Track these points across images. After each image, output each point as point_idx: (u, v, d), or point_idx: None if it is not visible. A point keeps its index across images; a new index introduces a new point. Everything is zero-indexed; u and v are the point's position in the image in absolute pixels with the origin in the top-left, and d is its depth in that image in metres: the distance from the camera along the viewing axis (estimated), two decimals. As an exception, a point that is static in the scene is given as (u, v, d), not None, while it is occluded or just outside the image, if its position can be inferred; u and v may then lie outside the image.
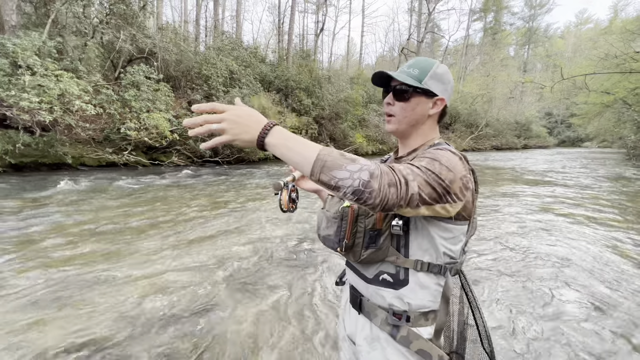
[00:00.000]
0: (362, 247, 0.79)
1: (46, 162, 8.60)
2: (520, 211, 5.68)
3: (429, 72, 0.82)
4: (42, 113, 7.10)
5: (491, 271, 3.18)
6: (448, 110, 0.90)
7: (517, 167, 14.26)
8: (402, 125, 0.86)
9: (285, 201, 0.89)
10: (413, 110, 0.84)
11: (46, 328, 2.10)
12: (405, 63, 0.88)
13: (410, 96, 0.83)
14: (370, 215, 0.78)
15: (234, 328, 2.18)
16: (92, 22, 10.40)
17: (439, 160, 0.70)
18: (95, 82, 9.19)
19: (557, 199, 6.88)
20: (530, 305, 2.56)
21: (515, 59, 49.24)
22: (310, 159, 0.63)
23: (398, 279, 0.80)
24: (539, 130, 42.02)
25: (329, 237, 0.83)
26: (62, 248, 3.46)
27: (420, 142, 0.89)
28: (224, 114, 0.65)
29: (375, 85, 0.89)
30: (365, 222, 0.78)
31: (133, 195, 6.28)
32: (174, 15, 27.17)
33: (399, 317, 0.81)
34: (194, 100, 12.41)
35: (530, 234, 4.38)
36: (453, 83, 0.88)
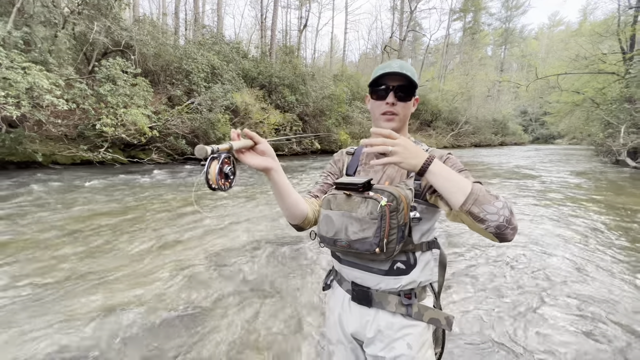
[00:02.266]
0: (397, 243, 0.80)
1: (14, 160, 8.10)
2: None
3: (416, 75, 0.93)
4: (8, 108, 6.66)
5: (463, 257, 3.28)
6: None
7: (500, 165, 14.78)
8: (400, 123, 0.95)
9: (213, 175, 0.64)
10: (409, 110, 0.95)
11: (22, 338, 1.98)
12: (393, 62, 0.93)
13: (412, 96, 0.93)
14: (401, 210, 0.79)
15: (221, 334, 2.14)
16: (63, 11, 9.83)
17: (467, 171, 0.84)
18: (67, 76, 8.71)
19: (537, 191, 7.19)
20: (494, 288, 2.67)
21: (493, 59, 50.88)
22: (466, 190, 0.72)
23: (410, 264, 0.89)
24: (515, 128, 43.75)
25: (365, 239, 0.79)
26: (29, 253, 3.27)
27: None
28: (397, 140, 0.75)
29: (373, 85, 0.94)
30: (398, 217, 0.79)
31: (108, 194, 6.02)
32: (151, 7, 26.23)
33: (409, 297, 0.89)
34: (174, 96, 12.02)
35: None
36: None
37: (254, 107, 14.09)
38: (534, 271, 3.13)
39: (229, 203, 5.63)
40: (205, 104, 11.62)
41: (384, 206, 0.77)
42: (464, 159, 17.72)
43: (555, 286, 2.82)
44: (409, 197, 0.83)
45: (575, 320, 2.31)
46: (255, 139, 0.83)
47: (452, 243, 3.87)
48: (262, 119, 14.23)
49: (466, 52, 41.27)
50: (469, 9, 42.96)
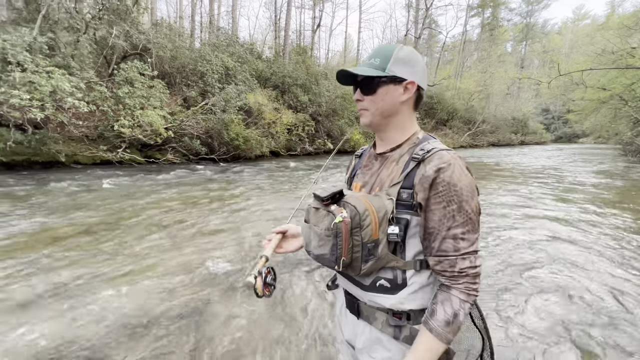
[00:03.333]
0: (362, 261, 0.74)
1: (39, 160, 8.48)
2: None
3: (390, 57, 0.79)
4: (33, 110, 6.98)
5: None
6: (424, 94, 0.85)
7: (520, 165, 14.28)
8: (376, 117, 0.84)
9: (260, 289, 0.81)
10: (383, 101, 0.81)
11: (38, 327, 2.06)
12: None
13: (376, 87, 0.80)
14: (367, 226, 0.72)
15: (227, 329, 2.14)
16: (85, 17, 10.23)
17: (464, 202, 0.72)
18: (88, 79, 9.05)
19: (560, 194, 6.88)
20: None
21: (513, 55, 49.23)
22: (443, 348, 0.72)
23: (396, 283, 0.79)
24: (535, 127, 42.19)
25: (323, 256, 0.76)
26: (52, 249, 3.40)
27: (402, 136, 0.85)
28: None
29: (344, 85, 0.87)
30: (362, 234, 0.72)
31: (125, 192, 6.21)
32: (169, 11, 26.89)
33: (399, 317, 0.80)
34: (189, 97, 12.28)
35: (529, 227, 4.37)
36: (423, 63, 0.83)
37: (266, 107, 14.20)
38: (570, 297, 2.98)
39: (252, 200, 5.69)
40: (219, 104, 11.80)
41: (339, 223, 0.71)
42: (483, 159, 17.22)
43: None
44: (384, 210, 0.74)
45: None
46: (282, 230, 0.98)
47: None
48: (275, 119, 14.31)
49: (484, 49, 40.13)
50: (487, 5, 41.70)
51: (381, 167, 0.85)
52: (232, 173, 9.63)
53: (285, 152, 15.06)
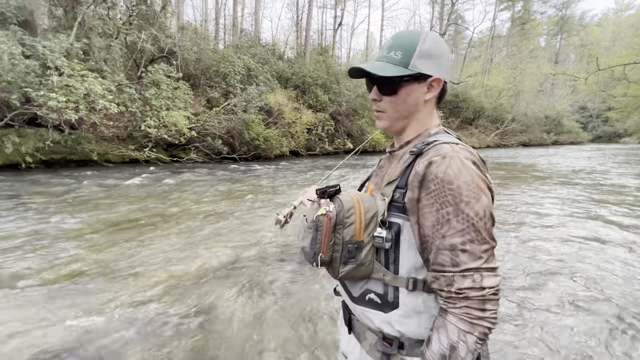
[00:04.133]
0: (340, 262, 0.68)
1: (74, 158, 9.04)
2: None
3: (415, 51, 0.68)
4: (68, 112, 7.44)
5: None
6: (447, 87, 0.74)
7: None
8: (396, 121, 0.75)
9: (282, 224, 1.09)
10: (405, 102, 0.71)
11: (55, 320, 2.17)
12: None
13: (397, 87, 0.70)
14: (349, 225, 0.66)
15: (233, 330, 2.14)
16: (116, 23, 10.78)
17: (463, 203, 0.58)
18: (118, 82, 9.53)
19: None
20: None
21: (546, 50, 46.51)
22: None
23: (386, 300, 0.69)
24: (571, 125, 39.62)
25: (305, 249, 0.71)
26: (79, 247, 3.59)
27: (415, 132, 0.76)
28: None
29: (356, 78, 0.76)
30: (343, 233, 0.66)
31: (151, 190, 6.47)
32: (195, 15, 27.85)
33: (389, 343, 0.69)
34: (213, 98, 12.63)
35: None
36: (448, 52, 0.72)
37: (286, 107, 14.31)
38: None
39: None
40: (240, 105, 12.04)
41: (321, 216, 0.66)
42: (517, 159, 16.38)
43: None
44: (373, 211, 0.67)
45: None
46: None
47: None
48: (295, 119, 14.39)
49: (514, 44, 38.22)
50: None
51: (388, 167, 0.78)
52: (255, 171, 9.78)
53: (304, 152, 15.11)
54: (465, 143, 0.69)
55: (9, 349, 1.88)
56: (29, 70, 7.37)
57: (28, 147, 7.73)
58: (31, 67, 7.38)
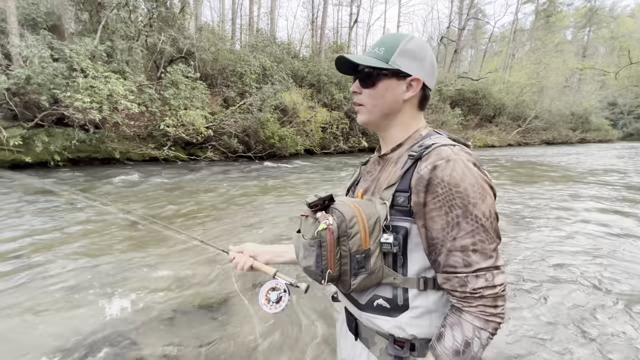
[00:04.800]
0: (351, 275, 0.66)
1: (98, 157, 9.43)
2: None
3: (396, 48, 0.70)
4: (92, 112, 7.76)
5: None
6: (429, 94, 0.76)
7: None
8: (373, 115, 0.75)
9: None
10: (383, 97, 0.72)
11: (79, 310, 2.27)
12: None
13: (376, 80, 0.72)
14: (354, 235, 0.64)
15: (243, 329, 2.17)
16: (138, 26, 11.15)
17: (472, 205, 0.60)
18: (139, 83, 9.85)
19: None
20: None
21: (573, 43, 44.30)
22: None
23: (396, 304, 0.68)
24: (599, 123, 37.51)
25: (309, 268, 0.69)
26: (92, 239, 3.75)
27: (403, 134, 0.76)
28: None
29: (345, 74, 0.78)
30: (349, 244, 0.64)
31: (170, 188, 6.66)
32: (212, 15, 28.35)
33: (401, 346, 0.69)
34: (229, 97, 12.83)
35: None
36: (433, 59, 0.74)
37: (301, 105, 14.34)
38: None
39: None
40: (255, 104, 12.18)
41: (323, 230, 0.64)
42: (542, 158, 15.74)
43: None
44: (375, 217, 0.66)
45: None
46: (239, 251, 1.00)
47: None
48: (310, 117, 14.41)
49: (538, 38, 36.63)
50: (543, -11, 38.01)
51: (381, 171, 0.77)
52: (273, 169, 9.89)
53: (319, 151, 15.11)
54: (461, 141, 0.71)
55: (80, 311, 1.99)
56: (57, 72, 7.74)
57: (56, 146, 8.12)
58: (59, 70, 7.75)
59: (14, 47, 7.89)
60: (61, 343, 1.94)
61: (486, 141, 24.59)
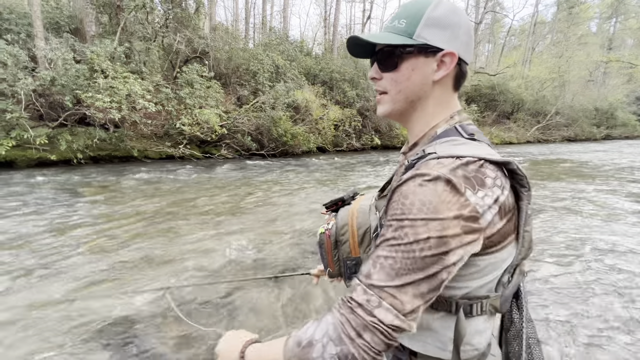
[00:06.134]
0: (346, 277, 0.70)
1: (118, 155, 9.76)
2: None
3: (421, 18, 0.56)
4: (112, 112, 8.03)
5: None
6: (466, 69, 0.62)
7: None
8: (397, 103, 0.61)
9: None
10: (409, 80, 0.59)
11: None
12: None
13: (399, 60, 0.58)
14: (344, 242, 0.66)
15: (253, 322, 2.22)
16: (154, 27, 11.43)
17: (407, 220, 0.48)
18: (156, 82, 10.12)
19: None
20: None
21: (598, 35, 42.27)
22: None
23: None
24: (626, 118, 35.71)
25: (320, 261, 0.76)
26: (121, 231, 3.89)
27: (421, 129, 0.64)
28: None
29: (359, 57, 0.66)
30: (341, 250, 0.67)
31: (184, 184, 6.83)
32: (226, 15, 28.68)
33: (399, 349, 0.65)
34: (242, 96, 12.99)
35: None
36: (469, 26, 0.59)
37: (314, 103, 14.36)
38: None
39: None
40: (268, 102, 12.28)
41: (322, 234, 0.68)
42: (557, 156, 15.19)
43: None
44: (365, 227, 0.65)
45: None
46: None
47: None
48: (322, 115, 14.41)
49: (560, 31, 35.22)
50: (566, -21, 36.43)
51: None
52: (289, 166, 9.98)
53: (331, 148, 15.10)
54: (487, 143, 0.59)
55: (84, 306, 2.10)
56: (79, 74, 8.05)
57: (79, 145, 8.46)
58: (81, 71, 8.06)
59: (39, 50, 8.25)
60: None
61: (504, 138, 23.92)
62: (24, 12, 9.18)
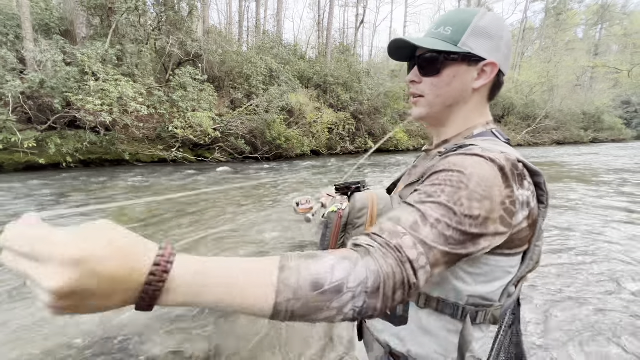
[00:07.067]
0: None
1: (108, 158, 9.60)
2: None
3: (468, 27, 0.58)
4: (103, 114, 7.92)
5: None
6: (503, 80, 0.63)
7: (583, 164, 12.58)
8: (434, 107, 0.63)
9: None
10: (449, 85, 0.60)
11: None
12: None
13: (442, 66, 0.60)
14: (359, 226, 0.63)
15: (252, 328, 2.19)
16: (147, 29, 11.35)
17: (464, 187, 0.46)
18: (148, 85, 10.02)
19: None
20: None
21: (585, 41, 43.40)
22: (264, 309, 0.37)
23: (395, 312, 0.62)
24: (612, 122, 36.65)
25: (317, 244, 0.73)
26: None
27: (455, 129, 0.65)
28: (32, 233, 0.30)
29: (397, 60, 0.68)
30: (352, 233, 0.65)
31: (179, 187, 6.75)
32: (220, 18, 28.68)
33: (396, 359, 0.63)
34: (236, 99, 12.95)
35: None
36: (509, 39, 0.61)
37: (308, 107, 14.39)
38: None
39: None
40: (262, 105, 12.26)
41: (332, 213, 0.65)
42: (548, 159, 15.46)
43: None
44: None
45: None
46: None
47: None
48: (316, 118, 14.45)
49: (549, 36, 36.08)
50: (553, -13, 37.42)
51: (422, 167, 0.70)
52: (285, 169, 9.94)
53: (325, 151, 15.13)
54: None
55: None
56: (70, 76, 7.93)
57: (68, 148, 8.31)
58: (71, 73, 7.94)
59: (28, 52, 8.11)
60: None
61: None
62: (12, 13, 9.03)
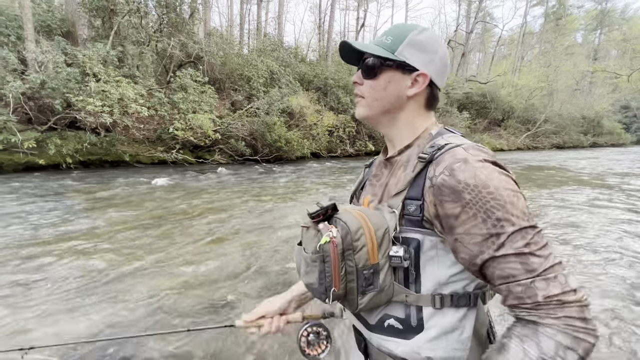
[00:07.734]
0: (358, 293, 0.59)
1: (108, 159, 9.59)
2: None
3: (404, 38, 0.64)
4: (104, 116, 7.92)
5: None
6: (439, 93, 0.70)
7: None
8: (373, 110, 0.69)
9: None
10: (384, 90, 0.66)
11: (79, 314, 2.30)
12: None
13: (379, 71, 0.66)
14: (360, 248, 0.58)
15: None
16: (148, 31, 11.39)
17: (510, 205, 0.52)
18: (149, 87, 10.04)
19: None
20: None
21: (584, 46, 43.65)
22: None
23: (409, 324, 0.62)
24: (612, 126, 36.74)
25: (311, 285, 0.62)
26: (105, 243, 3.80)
27: (411, 134, 0.69)
28: None
29: (349, 63, 0.73)
30: (355, 259, 0.58)
31: (167, 192, 6.74)
32: (221, 21, 28.79)
33: None
34: (236, 101, 12.96)
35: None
36: (445, 56, 0.67)
37: (308, 109, 14.40)
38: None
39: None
40: (263, 107, 12.28)
41: (326, 244, 0.57)
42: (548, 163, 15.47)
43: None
44: (384, 227, 0.59)
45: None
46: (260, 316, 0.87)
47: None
48: (316, 120, 14.46)
49: (548, 41, 36.25)
50: (552, -8, 37.68)
51: (389, 175, 0.71)
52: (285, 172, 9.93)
53: (325, 154, 15.13)
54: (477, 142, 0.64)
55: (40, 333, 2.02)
56: (71, 77, 7.94)
57: (68, 149, 8.30)
58: (72, 75, 7.95)
59: (29, 52, 8.12)
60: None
61: (495, 145, 24.33)
62: (14, 14, 9.05)
